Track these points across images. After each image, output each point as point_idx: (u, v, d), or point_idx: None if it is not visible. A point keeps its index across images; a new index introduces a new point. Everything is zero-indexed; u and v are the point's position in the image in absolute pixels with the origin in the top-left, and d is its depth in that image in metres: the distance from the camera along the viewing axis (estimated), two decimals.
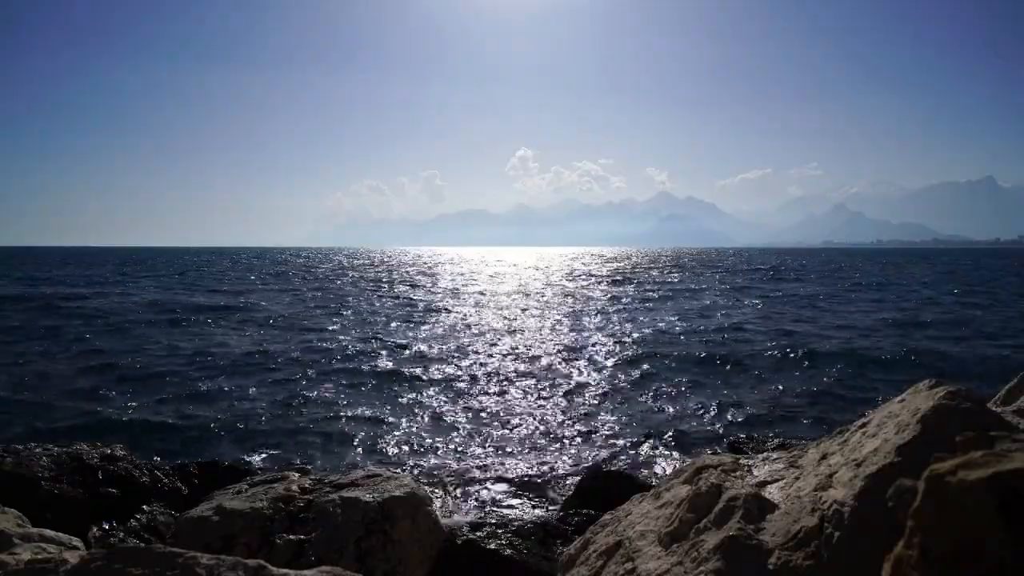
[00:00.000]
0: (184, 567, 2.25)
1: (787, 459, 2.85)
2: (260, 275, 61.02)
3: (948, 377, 9.54)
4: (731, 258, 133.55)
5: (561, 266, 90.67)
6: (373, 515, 4.17)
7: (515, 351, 18.43)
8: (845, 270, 72.01)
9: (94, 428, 10.59)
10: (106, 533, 4.82)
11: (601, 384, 14.32)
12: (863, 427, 2.55)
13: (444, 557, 4.40)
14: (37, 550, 2.79)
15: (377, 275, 62.70)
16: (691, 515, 2.61)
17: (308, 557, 3.86)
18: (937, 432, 2.14)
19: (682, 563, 2.39)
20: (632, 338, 20.84)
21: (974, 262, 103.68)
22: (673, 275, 61.55)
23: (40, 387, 13.60)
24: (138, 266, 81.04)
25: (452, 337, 21.26)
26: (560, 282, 52.77)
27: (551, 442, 10.28)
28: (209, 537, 3.96)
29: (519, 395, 13.36)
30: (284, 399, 12.95)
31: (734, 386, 14.13)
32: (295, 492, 4.39)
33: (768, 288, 43.75)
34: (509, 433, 10.75)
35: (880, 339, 20.37)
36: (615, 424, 11.27)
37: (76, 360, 16.57)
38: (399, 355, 17.83)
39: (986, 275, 60.21)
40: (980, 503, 1.09)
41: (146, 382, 14.24)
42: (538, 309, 30.57)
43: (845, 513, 2.13)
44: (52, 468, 5.15)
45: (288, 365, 16.35)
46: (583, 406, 12.52)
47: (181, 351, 18.03)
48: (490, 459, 9.47)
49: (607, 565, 2.75)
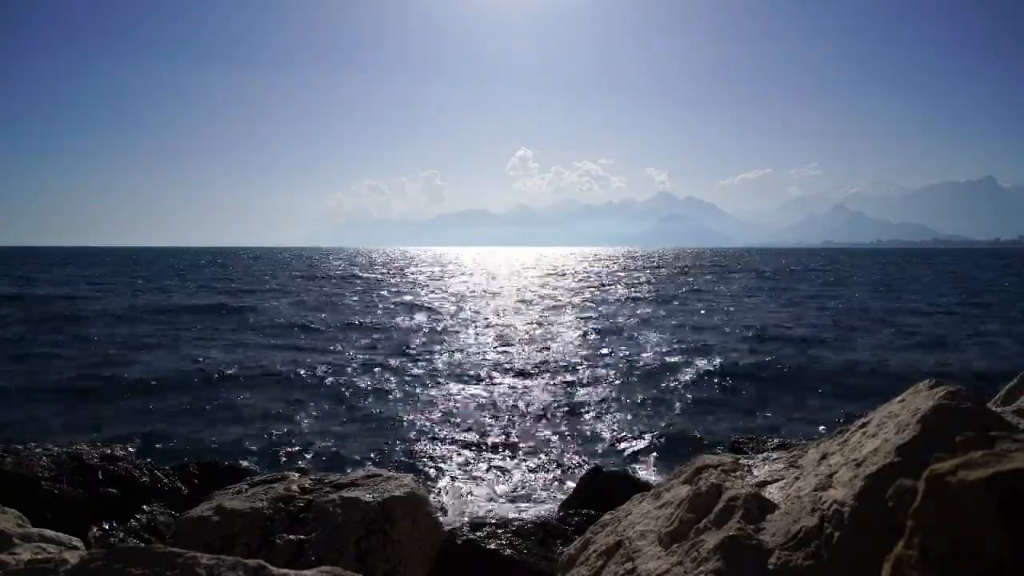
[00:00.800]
0: (184, 567, 2.24)
1: (787, 459, 2.85)
2: (258, 276, 61.01)
3: (948, 377, 9.54)
4: (732, 259, 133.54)
5: (563, 266, 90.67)
6: (373, 515, 4.17)
7: (515, 353, 18.43)
8: (845, 270, 72.01)
9: (94, 428, 10.60)
10: (106, 533, 4.81)
11: (601, 385, 14.32)
12: (863, 427, 2.55)
13: (444, 557, 4.40)
14: (37, 550, 2.79)
15: (376, 275, 62.69)
16: (691, 515, 2.61)
17: (308, 557, 3.86)
18: (937, 432, 2.14)
19: (682, 563, 2.39)
20: (632, 339, 20.84)
21: (974, 262, 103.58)
22: (677, 277, 61.55)
23: (41, 387, 13.60)
24: (139, 266, 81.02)
25: (452, 338, 21.26)
26: (561, 284, 52.76)
27: (551, 442, 10.28)
28: (209, 537, 3.95)
29: (519, 396, 13.36)
30: (284, 399, 12.95)
31: (734, 387, 14.13)
32: (295, 492, 4.39)
33: (773, 288, 43.75)
34: (509, 433, 10.75)
35: (881, 340, 20.38)
36: (615, 424, 11.27)
37: (76, 360, 16.57)
38: (399, 356, 17.83)
39: (994, 276, 59.62)
40: (980, 503, 1.09)
41: (146, 382, 14.24)
42: (538, 312, 30.57)
43: (845, 513, 2.13)
44: (52, 468, 5.15)
45: (288, 365, 16.35)
46: (583, 406, 12.52)
47: (181, 352, 18.03)
48: (490, 459, 9.47)
49: (607, 565, 2.75)
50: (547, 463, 9.31)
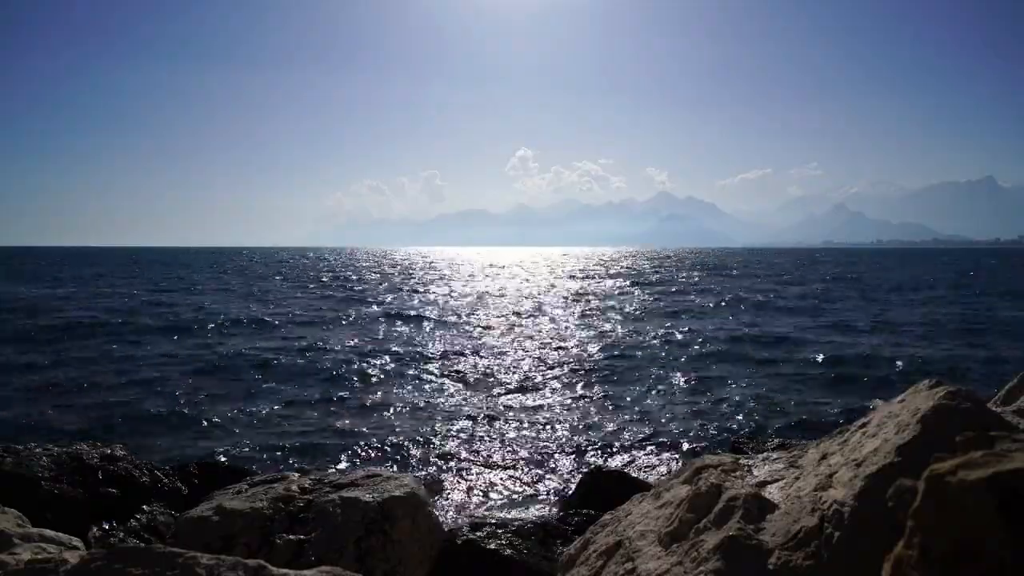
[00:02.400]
0: (184, 567, 2.24)
1: (787, 459, 2.85)
2: (247, 276, 61.01)
3: (948, 377, 9.55)
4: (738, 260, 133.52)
5: (565, 264, 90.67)
6: (373, 515, 4.17)
7: (515, 353, 18.44)
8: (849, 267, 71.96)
9: (94, 428, 10.60)
10: (106, 533, 4.81)
11: (601, 385, 14.32)
12: (863, 427, 2.55)
13: (444, 557, 4.40)
14: (37, 550, 2.79)
15: (376, 276, 62.70)
16: (691, 515, 2.61)
17: (308, 557, 3.86)
18: (937, 432, 2.14)
19: (682, 563, 2.39)
20: (632, 340, 20.84)
21: (974, 262, 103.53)
22: (680, 277, 61.55)
23: (41, 387, 13.60)
24: (138, 267, 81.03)
25: (451, 338, 21.26)
26: (562, 282, 52.76)
27: (551, 442, 10.27)
28: (209, 537, 3.95)
29: (519, 396, 13.36)
30: (284, 399, 12.95)
31: (734, 387, 14.12)
32: (295, 492, 4.39)
33: (779, 288, 43.75)
34: (509, 433, 10.75)
35: (881, 341, 20.38)
36: (615, 424, 11.27)
37: (76, 360, 16.57)
38: (399, 356, 17.82)
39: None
40: (980, 503, 1.09)
41: (146, 383, 14.24)
42: (537, 312, 30.57)
43: (845, 513, 2.12)
44: (52, 468, 5.15)
45: (288, 366, 16.35)
46: (583, 407, 12.52)
47: (181, 353, 18.03)
48: (490, 459, 9.47)
49: (607, 565, 2.75)
50: (547, 463, 9.31)
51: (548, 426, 11.13)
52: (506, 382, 14.50)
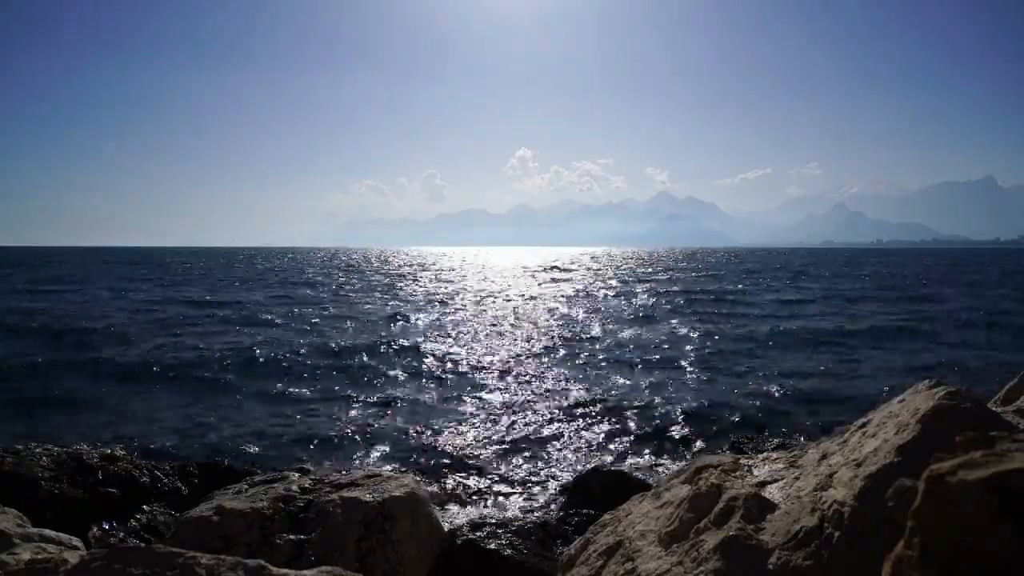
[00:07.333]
0: (184, 567, 2.24)
1: (787, 459, 2.85)
2: (247, 278, 61.03)
3: (948, 377, 9.55)
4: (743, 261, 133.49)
5: (565, 264, 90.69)
6: (373, 515, 4.17)
7: (515, 353, 18.43)
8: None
9: (94, 429, 10.60)
10: (106, 533, 4.81)
11: (601, 385, 14.31)
12: (863, 427, 2.55)
13: (444, 557, 4.40)
14: (37, 550, 2.79)
15: (376, 275, 62.72)
16: (691, 515, 2.61)
17: (308, 557, 3.86)
18: (937, 432, 2.14)
19: (682, 563, 2.39)
20: (632, 340, 20.84)
21: (977, 261, 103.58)
22: (680, 276, 61.54)
23: (41, 388, 13.60)
24: (139, 267, 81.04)
25: (451, 338, 21.26)
26: (560, 282, 52.77)
27: (551, 442, 10.27)
28: (209, 537, 3.95)
29: (519, 396, 13.35)
30: (284, 399, 12.94)
31: (734, 387, 14.12)
32: (295, 492, 4.39)
33: (784, 288, 43.77)
34: (509, 433, 10.74)
35: (882, 341, 20.38)
36: (615, 424, 11.26)
37: (75, 360, 16.56)
38: (399, 356, 17.82)
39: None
40: (980, 503, 1.09)
41: (146, 383, 14.24)
42: (537, 312, 30.57)
43: (845, 513, 2.13)
44: (52, 468, 5.15)
45: (288, 365, 16.35)
46: (583, 407, 12.51)
47: (180, 352, 18.02)
48: (490, 459, 9.47)
49: (607, 565, 2.75)
50: (547, 463, 9.30)
51: (548, 425, 11.12)
52: (506, 382, 14.50)
